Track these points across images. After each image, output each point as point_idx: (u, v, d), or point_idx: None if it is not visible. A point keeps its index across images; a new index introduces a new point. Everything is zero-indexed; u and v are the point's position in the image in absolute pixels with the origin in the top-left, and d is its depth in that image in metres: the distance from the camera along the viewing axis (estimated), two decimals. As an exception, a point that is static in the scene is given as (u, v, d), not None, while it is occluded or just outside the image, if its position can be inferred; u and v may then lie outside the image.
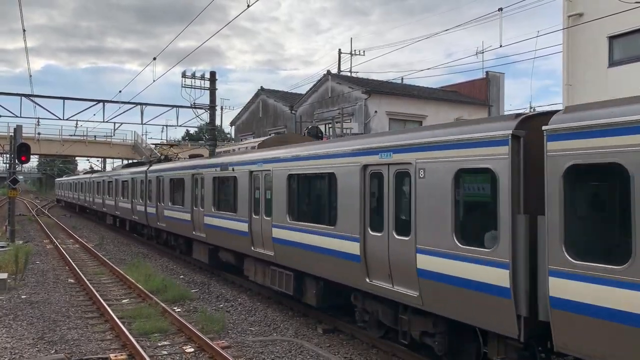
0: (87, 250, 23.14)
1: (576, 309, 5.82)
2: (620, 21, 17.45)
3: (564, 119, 6.13)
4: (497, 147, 6.78)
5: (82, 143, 55.96)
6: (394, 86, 33.87)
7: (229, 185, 14.97)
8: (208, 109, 27.74)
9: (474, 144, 7.10)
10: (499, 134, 6.76)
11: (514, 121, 6.75)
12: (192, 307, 13.07)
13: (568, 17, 20.33)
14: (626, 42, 18.86)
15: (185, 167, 18.98)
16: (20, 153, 24.02)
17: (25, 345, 9.79)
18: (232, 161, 14.76)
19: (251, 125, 41.69)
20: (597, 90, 18.54)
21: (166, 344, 9.94)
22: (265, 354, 9.38)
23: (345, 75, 37.03)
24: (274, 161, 12.27)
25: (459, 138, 7.32)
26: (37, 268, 18.31)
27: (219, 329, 10.79)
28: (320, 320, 11.54)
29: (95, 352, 9.48)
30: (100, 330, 10.95)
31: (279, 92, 41.46)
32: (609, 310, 5.52)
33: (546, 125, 6.21)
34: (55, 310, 12.41)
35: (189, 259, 20.00)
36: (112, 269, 17.87)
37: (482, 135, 7.00)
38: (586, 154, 5.77)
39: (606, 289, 5.56)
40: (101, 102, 28.85)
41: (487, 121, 7.39)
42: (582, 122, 5.88)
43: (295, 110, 35.74)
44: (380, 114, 29.64)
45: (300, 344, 9.95)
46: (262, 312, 12.50)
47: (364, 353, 9.58)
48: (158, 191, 21.85)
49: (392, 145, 8.53)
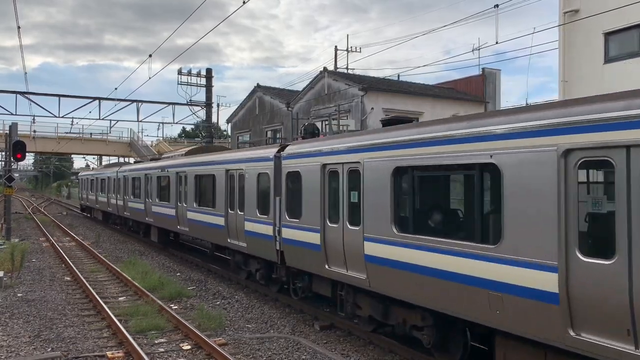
0: (84, 248, 23.10)
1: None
2: (615, 17, 17.49)
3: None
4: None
5: (78, 141, 55.86)
6: (391, 83, 33.86)
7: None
8: (204, 106, 27.68)
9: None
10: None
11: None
12: (189, 304, 13.07)
13: (564, 14, 20.38)
14: (621, 39, 18.91)
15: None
16: (15, 151, 23.94)
17: (21, 344, 9.77)
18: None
19: (248, 122, 41.64)
20: (593, 86, 18.58)
21: (163, 342, 9.94)
22: (262, 351, 9.39)
23: (341, 72, 36.99)
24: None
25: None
26: (33, 266, 18.27)
27: (216, 326, 10.80)
28: (317, 317, 11.56)
29: (92, 350, 9.47)
30: (97, 328, 10.94)
31: (275, 89, 41.37)
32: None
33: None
34: (52, 308, 12.39)
35: (186, 257, 20.06)
36: (109, 266, 17.84)
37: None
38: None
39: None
40: (97, 99, 28.75)
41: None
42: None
43: (291, 107, 35.69)
44: (377, 111, 29.62)
45: (297, 340, 9.97)
46: (259, 309, 12.51)
47: (360, 349, 9.60)
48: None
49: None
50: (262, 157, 12.72)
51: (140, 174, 23.73)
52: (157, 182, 21.14)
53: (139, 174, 23.83)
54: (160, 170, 20.75)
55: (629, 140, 5.16)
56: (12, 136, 24.85)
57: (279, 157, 11.99)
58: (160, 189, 20.79)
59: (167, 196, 19.83)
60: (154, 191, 21.46)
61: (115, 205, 28.79)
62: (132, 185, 25.21)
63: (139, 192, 23.69)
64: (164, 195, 20.27)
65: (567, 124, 5.74)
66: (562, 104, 6.12)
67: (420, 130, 7.99)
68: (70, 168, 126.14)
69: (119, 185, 27.93)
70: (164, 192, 20.31)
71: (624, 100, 5.35)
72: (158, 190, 20.99)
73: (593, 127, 5.49)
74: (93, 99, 28.93)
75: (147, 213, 22.48)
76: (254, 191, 13.04)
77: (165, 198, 20.09)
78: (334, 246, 9.88)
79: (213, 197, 15.52)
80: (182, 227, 18.51)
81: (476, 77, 35.42)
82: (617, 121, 5.28)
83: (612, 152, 5.33)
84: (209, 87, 28.96)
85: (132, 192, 25.09)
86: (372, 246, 8.74)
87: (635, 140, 5.11)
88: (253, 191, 13.10)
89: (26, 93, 27.57)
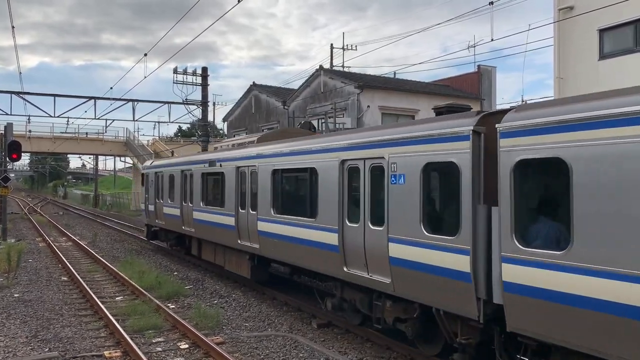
0: (80, 248, 23.06)
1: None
2: (610, 14, 17.55)
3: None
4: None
5: (73, 140, 55.68)
6: (387, 81, 33.87)
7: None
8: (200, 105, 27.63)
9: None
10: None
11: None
12: (187, 303, 13.07)
13: (559, 11, 20.42)
14: (616, 35, 18.97)
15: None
16: (11, 151, 23.87)
17: (18, 344, 9.75)
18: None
19: (244, 121, 41.58)
20: (588, 82, 18.64)
21: (161, 341, 9.94)
22: (259, 349, 9.40)
23: (337, 70, 36.98)
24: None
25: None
26: (29, 266, 18.23)
27: (213, 325, 10.80)
28: (315, 315, 11.57)
29: (90, 349, 9.46)
30: (94, 327, 10.93)
31: (271, 88, 41.32)
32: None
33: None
34: (49, 309, 12.37)
35: (183, 255, 20.02)
36: (106, 266, 17.82)
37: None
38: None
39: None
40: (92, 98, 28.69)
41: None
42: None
43: (287, 105, 35.67)
44: (373, 109, 29.63)
45: (294, 338, 9.98)
46: (257, 308, 12.52)
47: (358, 347, 9.62)
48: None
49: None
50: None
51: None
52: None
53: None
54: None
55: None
56: (7, 136, 24.78)
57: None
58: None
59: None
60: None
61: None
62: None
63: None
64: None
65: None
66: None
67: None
68: (66, 168, 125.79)
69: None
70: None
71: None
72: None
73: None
74: (88, 99, 28.86)
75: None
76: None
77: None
78: None
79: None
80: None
81: (472, 75, 35.48)
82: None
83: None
84: (204, 85, 28.91)
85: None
86: None
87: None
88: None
89: (21, 93, 27.48)
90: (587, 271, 5.56)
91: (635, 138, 5.21)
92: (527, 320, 6.19)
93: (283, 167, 11.66)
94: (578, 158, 5.65)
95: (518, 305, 6.24)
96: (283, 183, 11.78)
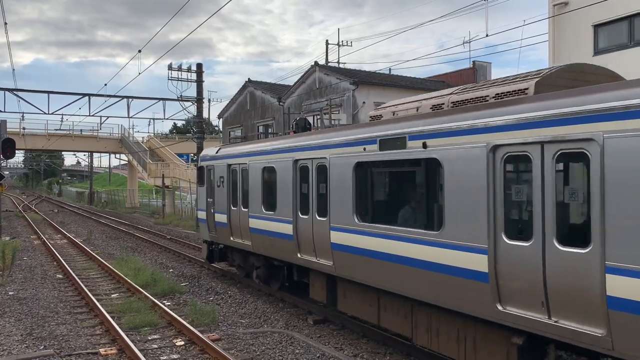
0: (76, 245, 22.99)
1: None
2: (604, 10, 17.57)
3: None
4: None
5: (68, 137, 55.47)
6: (382, 77, 33.85)
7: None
8: (195, 101, 27.55)
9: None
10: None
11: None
12: (182, 300, 13.05)
13: (553, 6, 20.45)
14: (610, 31, 19.01)
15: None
16: (5, 149, 23.74)
17: (13, 342, 9.72)
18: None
19: (239, 117, 41.49)
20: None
21: (156, 338, 9.92)
22: (255, 346, 9.40)
23: (333, 66, 36.93)
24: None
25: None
26: (24, 264, 18.16)
27: (209, 321, 10.79)
28: (311, 311, 11.58)
29: (85, 347, 9.44)
30: (90, 325, 10.90)
31: (266, 84, 41.21)
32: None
33: None
34: (44, 306, 12.33)
35: (179, 253, 19.99)
36: (101, 263, 17.78)
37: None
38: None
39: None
40: (87, 95, 28.57)
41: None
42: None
43: (283, 102, 35.60)
44: (369, 105, 29.61)
45: (290, 335, 9.98)
46: (253, 304, 12.51)
47: (354, 343, 9.64)
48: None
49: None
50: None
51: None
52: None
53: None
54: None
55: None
56: (1, 134, 24.62)
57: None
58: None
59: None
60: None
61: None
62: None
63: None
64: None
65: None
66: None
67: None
68: (60, 165, 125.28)
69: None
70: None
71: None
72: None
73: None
74: (83, 96, 28.74)
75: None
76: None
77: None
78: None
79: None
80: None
81: (467, 70, 35.54)
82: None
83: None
84: (199, 82, 28.82)
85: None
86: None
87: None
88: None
89: (15, 90, 27.34)
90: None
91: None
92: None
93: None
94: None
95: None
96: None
